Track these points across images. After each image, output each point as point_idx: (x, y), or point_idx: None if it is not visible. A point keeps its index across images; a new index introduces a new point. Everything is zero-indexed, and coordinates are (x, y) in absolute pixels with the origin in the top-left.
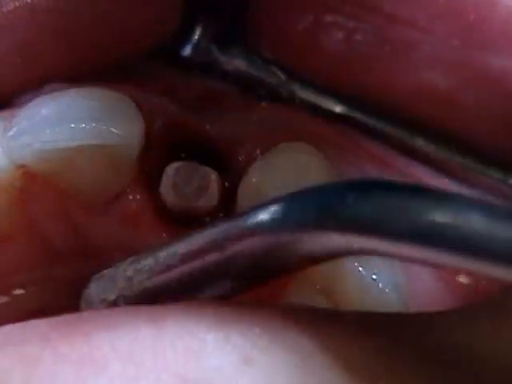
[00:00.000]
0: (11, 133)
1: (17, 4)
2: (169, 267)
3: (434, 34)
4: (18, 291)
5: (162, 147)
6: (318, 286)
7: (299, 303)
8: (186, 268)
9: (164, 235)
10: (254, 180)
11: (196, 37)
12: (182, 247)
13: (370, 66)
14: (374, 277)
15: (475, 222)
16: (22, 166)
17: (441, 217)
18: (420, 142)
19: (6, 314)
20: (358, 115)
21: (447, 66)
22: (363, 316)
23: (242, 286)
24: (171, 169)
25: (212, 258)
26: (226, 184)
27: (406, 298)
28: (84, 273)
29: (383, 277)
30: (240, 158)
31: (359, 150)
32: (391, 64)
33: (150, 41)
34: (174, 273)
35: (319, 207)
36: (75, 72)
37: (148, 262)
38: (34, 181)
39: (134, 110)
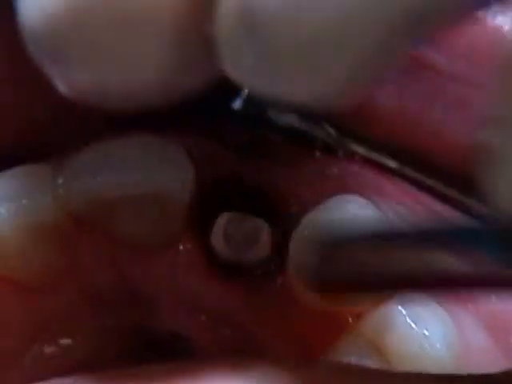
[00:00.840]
0: (61, 180)
1: None
2: None
3: (489, 91)
4: (65, 341)
5: (212, 195)
6: (369, 342)
7: (349, 361)
8: None
9: (214, 284)
10: (306, 233)
11: (246, 91)
12: None
13: (420, 124)
14: (425, 332)
15: None
16: (72, 214)
17: None
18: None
19: (53, 364)
20: (408, 171)
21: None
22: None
23: None
24: (222, 219)
25: None
26: (278, 234)
27: (458, 356)
28: (132, 322)
29: (435, 333)
30: (292, 209)
31: (415, 204)
32: (443, 123)
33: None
34: None
35: None
36: (125, 120)
37: None
38: (82, 229)
39: (185, 158)
